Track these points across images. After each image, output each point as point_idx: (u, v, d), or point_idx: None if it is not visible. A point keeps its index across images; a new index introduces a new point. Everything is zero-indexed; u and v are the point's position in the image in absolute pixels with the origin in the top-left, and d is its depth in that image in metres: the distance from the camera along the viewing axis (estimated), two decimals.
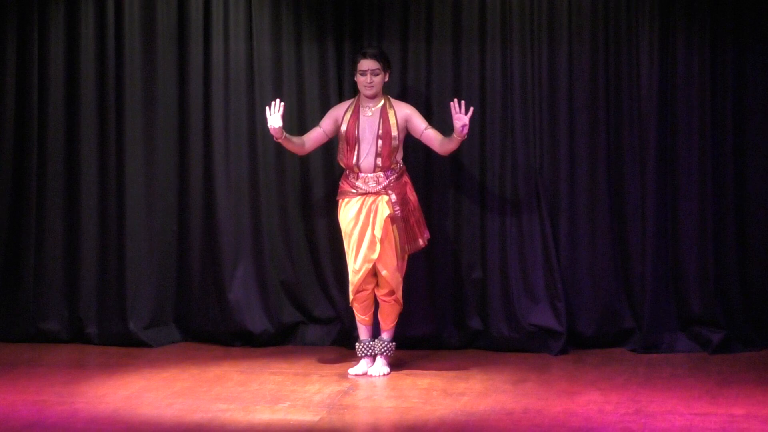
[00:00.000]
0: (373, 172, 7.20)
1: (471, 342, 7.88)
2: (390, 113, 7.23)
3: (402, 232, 7.16)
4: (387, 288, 7.19)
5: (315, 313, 8.05)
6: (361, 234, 7.16)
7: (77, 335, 8.20)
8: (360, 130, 7.21)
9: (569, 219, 7.79)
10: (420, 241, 7.28)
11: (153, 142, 8.13)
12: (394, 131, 7.19)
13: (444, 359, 7.55)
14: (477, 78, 7.83)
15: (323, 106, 7.87)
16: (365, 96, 7.24)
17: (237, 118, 8.07)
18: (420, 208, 7.32)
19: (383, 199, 7.17)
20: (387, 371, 7.17)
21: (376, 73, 7.20)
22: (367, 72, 7.20)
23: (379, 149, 7.19)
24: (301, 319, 8.07)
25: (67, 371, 7.39)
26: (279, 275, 8.07)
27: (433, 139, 7.22)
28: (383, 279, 7.17)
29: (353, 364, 7.26)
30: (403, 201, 7.19)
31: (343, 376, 7.12)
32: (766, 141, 7.67)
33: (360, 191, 7.20)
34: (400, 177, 7.24)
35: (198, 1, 8.08)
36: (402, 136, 7.25)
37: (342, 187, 7.30)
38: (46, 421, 6.07)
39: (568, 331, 7.70)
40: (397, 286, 7.19)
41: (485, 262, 7.86)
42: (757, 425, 5.84)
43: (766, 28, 7.60)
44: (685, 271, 7.70)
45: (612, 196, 7.77)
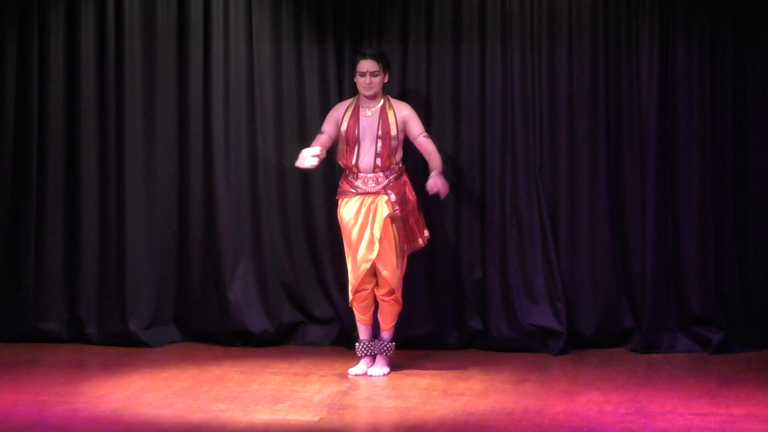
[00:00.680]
0: (373, 172, 7.20)
1: (471, 342, 7.88)
2: (389, 113, 7.23)
3: (401, 232, 7.16)
4: (386, 288, 7.19)
5: (315, 313, 8.05)
6: (360, 234, 7.16)
7: (77, 335, 8.20)
8: (360, 130, 7.22)
9: (569, 219, 7.79)
10: (419, 240, 7.28)
11: (153, 142, 8.13)
12: (393, 131, 7.20)
13: (444, 359, 7.55)
14: (477, 78, 7.83)
15: (323, 106, 7.87)
16: (365, 96, 7.24)
17: (237, 118, 8.07)
18: (419, 208, 7.32)
19: (382, 198, 7.18)
20: (387, 371, 7.17)
21: (375, 74, 7.20)
22: (366, 73, 7.20)
23: (379, 149, 7.19)
24: (301, 319, 8.07)
25: (67, 371, 7.39)
26: (279, 275, 8.07)
27: (425, 149, 7.26)
28: (383, 278, 7.17)
29: (353, 364, 7.26)
30: (403, 201, 7.19)
31: (343, 376, 7.12)
32: (766, 141, 7.67)
33: (359, 191, 7.21)
34: (399, 177, 7.24)
35: (198, 1, 8.08)
36: (401, 137, 7.25)
37: (341, 187, 7.30)
38: (46, 421, 6.07)
39: (568, 331, 7.70)
40: (396, 285, 7.19)
41: (485, 262, 7.86)
42: (757, 425, 5.84)
43: (766, 28, 7.60)
44: (685, 271, 7.70)
45: (612, 196, 7.77)
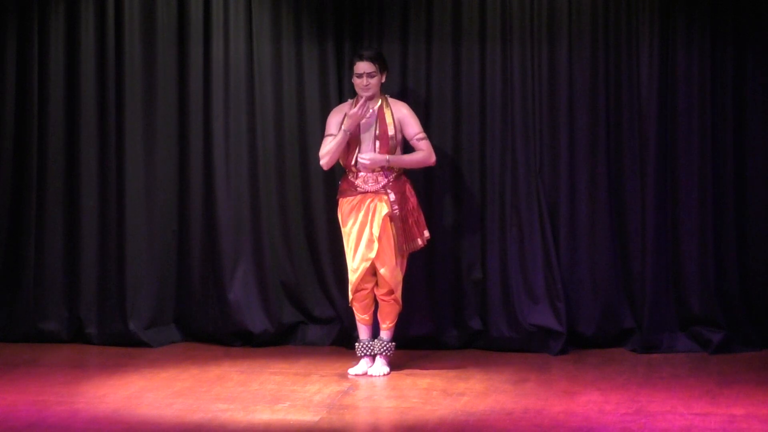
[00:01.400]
0: (372, 172, 7.20)
1: (471, 342, 7.88)
2: (387, 113, 7.23)
3: (400, 232, 7.16)
4: (386, 287, 7.19)
5: (315, 313, 8.05)
6: (359, 233, 7.16)
7: (77, 335, 8.20)
8: (360, 131, 7.22)
9: (569, 219, 7.79)
10: (419, 240, 7.27)
11: (153, 142, 8.13)
12: (391, 131, 7.20)
13: (444, 359, 7.55)
14: (477, 78, 7.83)
15: (323, 106, 7.87)
16: (363, 98, 7.24)
17: (237, 118, 8.07)
18: (419, 208, 7.32)
19: (382, 198, 7.18)
20: (387, 371, 7.17)
21: (372, 75, 7.20)
22: (363, 74, 7.20)
23: (377, 149, 7.19)
24: (301, 319, 8.07)
25: (67, 371, 7.39)
26: (279, 275, 8.07)
27: (418, 149, 7.24)
28: (382, 278, 7.17)
29: (353, 364, 7.26)
30: (402, 200, 7.19)
31: (343, 376, 7.12)
32: (766, 141, 7.67)
33: (359, 190, 7.21)
34: (399, 177, 7.24)
35: (198, 1, 8.08)
36: (400, 137, 7.25)
37: (342, 187, 7.31)
38: (46, 421, 6.07)
39: (568, 331, 7.70)
40: (396, 285, 7.19)
41: (485, 262, 7.86)
42: (757, 425, 5.84)
43: (766, 28, 7.60)
44: (685, 271, 7.70)
45: (612, 196, 7.77)
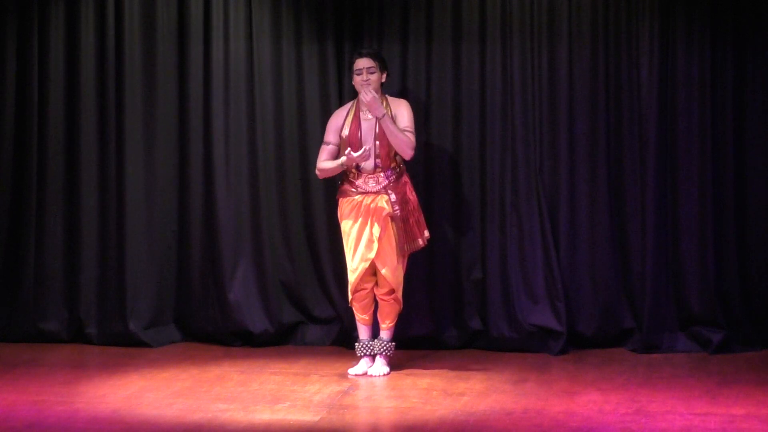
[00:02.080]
0: (373, 173, 7.20)
1: (471, 342, 7.88)
2: (387, 113, 7.22)
3: (401, 232, 7.16)
4: (387, 287, 7.19)
5: (315, 313, 8.05)
6: (359, 233, 7.16)
7: (77, 335, 8.20)
8: (363, 133, 7.22)
9: (569, 219, 7.79)
10: (420, 240, 7.27)
11: (153, 142, 8.14)
12: None
13: (444, 359, 7.55)
14: (477, 78, 7.83)
15: (323, 106, 7.88)
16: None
17: (237, 118, 8.07)
18: (420, 208, 7.32)
19: (383, 198, 7.18)
20: (387, 371, 7.17)
21: (371, 71, 7.20)
22: (362, 70, 7.20)
23: (378, 150, 7.19)
24: (301, 319, 8.07)
25: (67, 371, 7.39)
26: (279, 275, 8.07)
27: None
28: (383, 278, 7.17)
29: (353, 364, 7.26)
30: (403, 201, 7.19)
31: (343, 376, 7.12)
32: (766, 141, 7.67)
33: (360, 191, 7.21)
34: (399, 177, 7.24)
35: (198, 1, 8.08)
36: None
37: (342, 187, 7.30)
38: (46, 421, 6.07)
39: (568, 331, 7.70)
40: (396, 285, 7.19)
41: (485, 262, 7.86)
42: (757, 425, 5.84)
43: (766, 28, 7.60)
44: (685, 271, 7.70)
45: (612, 196, 7.77)
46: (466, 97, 7.84)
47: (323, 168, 7.29)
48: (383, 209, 7.14)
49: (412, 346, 7.71)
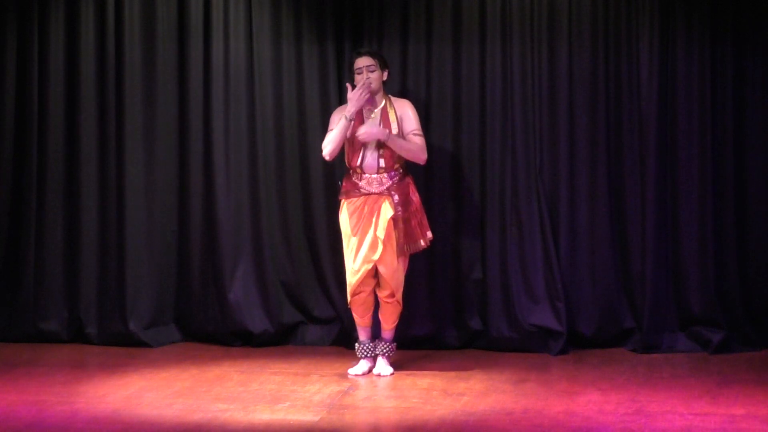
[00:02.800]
0: (377, 173, 7.19)
1: (471, 342, 7.88)
2: (390, 113, 7.22)
3: (402, 233, 7.15)
4: (388, 290, 7.17)
5: (315, 313, 8.05)
6: (362, 234, 7.14)
7: (77, 335, 8.20)
8: None
9: (569, 219, 7.79)
10: (421, 241, 7.26)
11: (153, 142, 8.14)
12: (395, 130, 7.18)
13: (444, 359, 7.55)
14: (477, 78, 7.83)
15: (323, 106, 7.88)
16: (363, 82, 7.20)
17: (237, 118, 8.07)
18: (422, 209, 7.31)
19: (386, 200, 7.16)
20: (392, 371, 7.17)
21: (371, 69, 7.19)
22: (362, 69, 7.19)
23: (381, 151, 7.18)
24: (301, 319, 8.07)
25: (67, 371, 7.39)
26: (279, 275, 8.07)
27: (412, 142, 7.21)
28: (384, 280, 7.16)
29: (353, 364, 7.26)
30: (406, 202, 7.17)
31: (343, 376, 7.12)
32: (766, 141, 7.67)
33: (363, 192, 7.20)
34: (403, 178, 7.22)
35: (198, 1, 8.08)
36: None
37: (345, 187, 7.29)
38: (46, 421, 6.07)
39: (568, 331, 7.70)
40: (397, 287, 7.18)
41: (485, 262, 7.86)
42: (757, 425, 5.84)
43: (766, 28, 7.60)
44: (685, 271, 7.70)
45: (612, 196, 7.77)
46: (466, 97, 7.84)
47: (329, 139, 7.14)
48: (387, 211, 7.12)
49: (413, 347, 7.71)
